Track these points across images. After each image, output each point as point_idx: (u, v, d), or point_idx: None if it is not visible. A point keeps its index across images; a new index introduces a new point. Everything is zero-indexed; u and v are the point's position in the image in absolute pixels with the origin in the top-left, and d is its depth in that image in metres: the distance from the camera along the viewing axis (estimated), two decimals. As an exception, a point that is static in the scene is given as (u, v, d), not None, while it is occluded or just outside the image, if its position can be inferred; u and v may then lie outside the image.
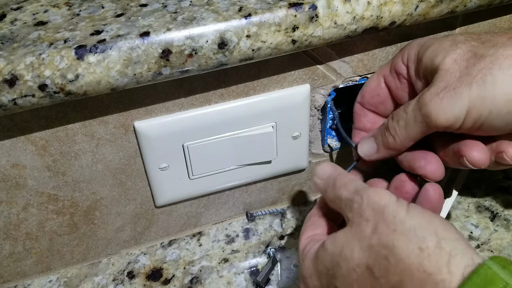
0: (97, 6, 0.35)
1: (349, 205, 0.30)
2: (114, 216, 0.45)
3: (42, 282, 0.46)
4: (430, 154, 0.36)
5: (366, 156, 0.38)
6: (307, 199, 0.53)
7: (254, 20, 0.33)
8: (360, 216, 0.29)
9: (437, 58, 0.33)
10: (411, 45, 0.36)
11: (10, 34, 0.32)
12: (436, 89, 0.32)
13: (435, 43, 0.34)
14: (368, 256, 0.27)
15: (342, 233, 0.30)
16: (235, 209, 0.50)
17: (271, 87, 0.41)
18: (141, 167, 0.42)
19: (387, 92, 0.39)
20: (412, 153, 0.36)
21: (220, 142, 0.42)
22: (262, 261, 0.47)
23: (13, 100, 0.31)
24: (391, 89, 0.38)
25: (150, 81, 0.33)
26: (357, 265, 0.28)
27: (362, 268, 0.28)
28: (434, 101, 0.31)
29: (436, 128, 0.32)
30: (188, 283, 0.46)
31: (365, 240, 0.28)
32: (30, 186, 0.40)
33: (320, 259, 0.30)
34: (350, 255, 0.28)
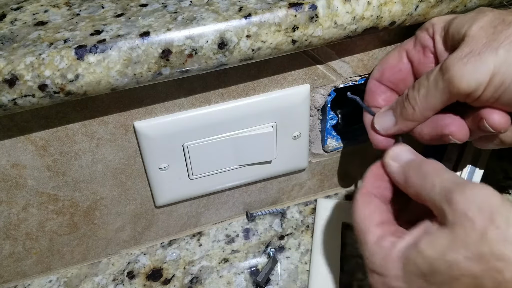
0: (97, 6, 0.35)
1: (447, 200, 0.27)
2: (114, 216, 0.45)
3: (42, 282, 0.46)
4: (453, 115, 0.34)
5: (383, 130, 0.37)
6: (307, 199, 0.53)
7: (254, 20, 0.33)
8: (464, 216, 0.26)
9: (464, 26, 0.32)
10: (435, 19, 0.36)
11: (10, 34, 0.32)
12: (460, 53, 0.31)
13: (462, 15, 0.34)
14: (477, 266, 0.25)
15: (442, 234, 0.27)
16: (235, 209, 0.50)
17: (271, 87, 0.41)
18: (141, 167, 0.42)
19: (409, 68, 0.37)
20: (435, 116, 0.35)
21: (220, 142, 0.42)
22: (262, 261, 0.47)
23: (13, 100, 0.31)
24: (414, 64, 0.37)
25: (150, 81, 0.33)
26: (462, 274, 0.26)
27: (468, 279, 0.26)
28: (458, 65, 0.31)
29: (457, 95, 0.31)
30: (188, 283, 0.46)
31: (473, 247, 0.25)
32: (30, 186, 0.40)
33: (412, 262, 0.28)
34: (454, 262, 0.26)
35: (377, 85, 0.39)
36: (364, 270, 0.45)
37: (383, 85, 0.39)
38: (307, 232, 0.49)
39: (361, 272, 0.45)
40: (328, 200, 0.51)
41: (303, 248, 0.48)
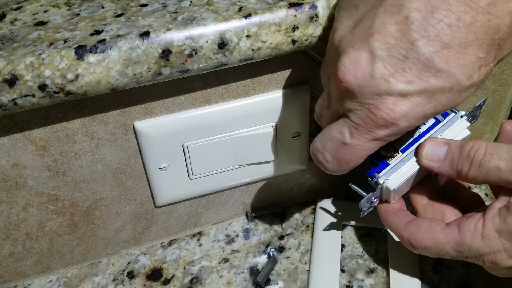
0: (97, 6, 0.35)
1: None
2: (114, 216, 0.45)
3: (42, 282, 0.46)
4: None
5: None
6: (307, 199, 0.53)
7: (254, 20, 0.33)
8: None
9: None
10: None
11: (10, 34, 0.32)
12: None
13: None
14: None
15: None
16: (235, 209, 0.50)
17: (271, 87, 0.41)
18: (141, 167, 0.42)
19: None
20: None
21: (220, 142, 0.42)
22: (262, 261, 0.47)
23: (13, 100, 0.31)
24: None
25: (150, 81, 0.33)
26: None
27: None
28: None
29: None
30: (188, 283, 0.46)
31: None
32: (30, 186, 0.40)
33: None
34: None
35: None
36: (364, 270, 0.45)
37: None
38: (307, 232, 0.49)
39: (361, 272, 0.45)
40: (328, 200, 0.51)
41: (303, 248, 0.48)
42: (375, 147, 0.31)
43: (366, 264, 0.46)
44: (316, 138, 0.34)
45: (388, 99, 0.28)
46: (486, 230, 0.33)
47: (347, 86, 0.29)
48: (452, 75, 0.27)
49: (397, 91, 0.28)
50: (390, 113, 0.28)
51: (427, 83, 0.27)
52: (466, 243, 0.34)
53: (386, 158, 0.37)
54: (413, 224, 0.37)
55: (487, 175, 0.32)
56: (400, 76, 0.27)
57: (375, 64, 0.28)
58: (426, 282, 0.44)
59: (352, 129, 0.30)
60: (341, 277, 0.45)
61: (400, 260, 0.45)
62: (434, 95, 0.28)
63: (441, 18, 0.26)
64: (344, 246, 0.47)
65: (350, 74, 0.28)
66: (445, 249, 0.35)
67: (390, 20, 0.27)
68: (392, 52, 0.27)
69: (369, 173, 0.38)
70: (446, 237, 0.35)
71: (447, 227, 0.35)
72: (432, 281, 0.44)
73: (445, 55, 0.27)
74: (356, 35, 0.29)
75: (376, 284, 0.44)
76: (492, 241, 0.32)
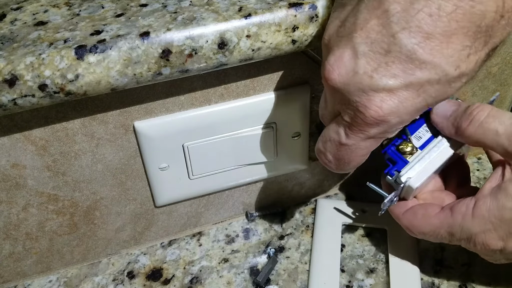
0: (97, 6, 0.35)
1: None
2: (114, 216, 0.45)
3: (42, 282, 0.46)
4: None
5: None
6: (307, 199, 0.53)
7: (254, 20, 0.33)
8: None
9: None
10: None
11: (10, 34, 0.32)
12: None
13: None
14: None
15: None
16: (235, 209, 0.50)
17: (271, 87, 0.41)
18: (141, 167, 0.42)
19: None
20: None
21: (220, 142, 0.42)
22: (262, 261, 0.47)
23: (13, 100, 0.31)
24: None
25: (150, 81, 0.33)
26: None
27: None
28: None
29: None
30: (188, 283, 0.46)
31: None
32: (30, 186, 0.40)
33: (506, 207, 0.32)
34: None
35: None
36: (364, 270, 0.45)
37: None
38: (307, 232, 0.49)
39: (361, 272, 0.45)
40: (328, 200, 0.51)
41: (303, 248, 0.48)
42: (371, 145, 0.31)
43: (366, 264, 0.46)
44: (318, 139, 0.34)
45: (374, 95, 0.27)
46: (477, 209, 0.33)
47: (332, 84, 0.29)
48: (438, 66, 0.26)
49: (382, 86, 0.27)
50: (378, 110, 0.28)
51: (412, 75, 0.27)
52: (458, 223, 0.34)
53: (405, 156, 0.37)
54: (410, 212, 0.38)
55: (484, 135, 0.32)
56: (383, 71, 0.27)
57: (357, 60, 0.27)
58: (426, 282, 0.44)
59: (346, 128, 0.30)
60: (341, 277, 0.45)
61: (400, 260, 0.45)
62: (421, 87, 0.27)
63: (420, 8, 0.25)
64: (344, 246, 0.47)
65: (334, 71, 0.28)
66: (441, 233, 0.35)
67: (371, 14, 0.27)
68: (374, 46, 0.27)
69: (387, 172, 0.37)
70: (440, 221, 0.35)
71: (441, 212, 0.36)
72: (432, 281, 0.44)
73: (428, 45, 0.26)
74: (341, 33, 0.29)
75: (376, 284, 0.44)
76: (482, 220, 0.33)
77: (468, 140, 0.34)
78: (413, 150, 0.37)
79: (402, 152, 0.37)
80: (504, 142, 0.32)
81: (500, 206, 0.32)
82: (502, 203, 0.32)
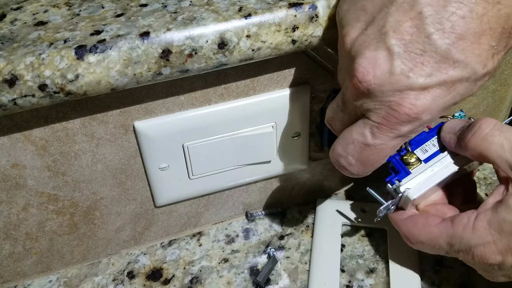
0: (97, 6, 0.35)
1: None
2: (114, 216, 0.45)
3: (42, 282, 0.46)
4: None
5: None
6: (307, 199, 0.53)
7: (254, 20, 0.33)
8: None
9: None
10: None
11: (10, 34, 0.32)
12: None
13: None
14: None
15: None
16: (235, 209, 0.50)
17: (271, 87, 0.41)
18: (141, 167, 0.42)
19: None
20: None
21: (220, 142, 0.42)
22: (262, 261, 0.47)
23: (13, 100, 0.31)
24: None
25: (150, 81, 0.33)
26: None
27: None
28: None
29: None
30: (188, 283, 0.46)
31: None
32: (30, 186, 0.40)
33: (507, 221, 0.32)
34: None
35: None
36: (364, 270, 0.45)
37: None
38: (307, 232, 0.49)
39: (361, 272, 0.45)
40: (328, 200, 0.51)
41: (303, 248, 0.48)
42: (398, 144, 0.31)
43: (366, 264, 0.46)
44: (336, 143, 0.34)
45: (409, 94, 0.28)
46: (478, 222, 0.33)
47: (367, 86, 0.29)
48: (469, 65, 0.28)
49: (418, 85, 0.28)
50: (413, 107, 0.29)
51: (446, 74, 0.28)
52: (458, 235, 0.34)
53: (409, 167, 0.37)
54: (410, 219, 0.38)
55: (487, 148, 0.33)
56: (419, 70, 0.28)
57: (394, 61, 0.28)
58: (426, 282, 0.44)
59: (373, 129, 0.30)
60: (341, 277, 0.45)
61: (400, 260, 0.45)
62: (453, 85, 0.28)
63: (453, 11, 0.27)
64: (344, 246, 0.47)
65: (369, 74, 0.29)
66: (439, 243, 0.35)
67: (404, 17, 0.28)
68: (409, 47, 0.28)
69: (389, 180, 0.38)
70: (440, 231, 0.35)
71: (442, 222, 0.36)
72: (432, 281, 0.44)
73: (461, 46, 0.27)
74: (369, 35, 0.29)
75: (376, 284, 0.44)
76: (482, 232, 0.33)
77: (472, 152, 0.34)
78: (417, 162, 0.37)
79: (406, 162, 0.37)
80: (508, 157, 0.32)
81: (500, 219, 0.32)
82: (503, 216, 0.32)
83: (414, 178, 0.37)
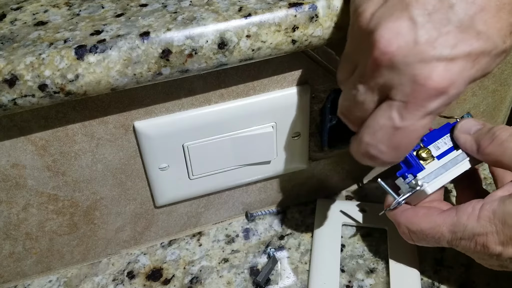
0: (97, 6, 0.35)
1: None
2: (114, 216, 0.45)
3: (42, 282, 0.46)
4: None
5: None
6: (307, 199, 0.53)
7: (254, 20, 0.33)
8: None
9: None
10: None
11: (10, 34, 0.32)
12: None
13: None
14: None
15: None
16: (235, 209, 0.50)
17: (271, 87, 0.41)
18: (141, 167, 0.42)
19: None
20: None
21: (220, 142, 0.42)
22: (262, 261, 0.47)
23: (13, 100, 0.31)
24: None
25: (150, 81, 0.33)
26: None
27: None
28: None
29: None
30: (188, 283, 0.46)
31: None
32: (30, 186, 0.40)
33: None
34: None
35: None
36: (364, 270, 0.45)
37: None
38: (307, 232, 0.49)
39: (361, 272, 0.45)
40: (328, 200, 0.51)
41: (303, 248, 0.48)
42: (428, 123, 0.30)
43: (366, 264, 0.46)
44: (362, 134, 0.32)
45: (436, 65, 0.27)
46: (483, 211, 0.34)
47: (390, 57, 0.28)
48: (491, 38, 0.27)
49: (444, 55, 0.27)
50: (440, 80, 0.27)
51: (471, 46, 0.27)
52: (462, 223, 0.34)
53: (423, 162, 0.37)
54: (410, 210, 0.38)
55: (503, 154, 0.34)
56: (444, 41, 0.27)
57: (418, 31, 0.27)
58: (426, 282, 0.44)
59: (401, 109, 0.29)
60: (341, 277, 0.45)
61: (400, 260, 0.45)
62: (476, 58, 0.28)
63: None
64: (344, 246, 0.47)
65: (393, 44, 0.27)
66: (441, 230, 0.36)
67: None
68: (433, 17, 0.27)
69: (402, 174, 0.38)
70: (443, 219, 0.36)
71: (445, 211, 0.36)
72: (432, 281, 0.44)
73: (483, 17, 0.27)
74: (390, 7, 0.28)
75: (376, 284, 0.44)
76: (486, 222, 0.33)
77: (488, 157, 0.35)
78: (431, 158, 0.38)
79: (420, 157, 0.38)
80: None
81: (506, 211, 0.32)
82: (509, 208, 0.32)
83: (429, 173, 0.37)
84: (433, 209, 0.37)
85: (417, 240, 0.38)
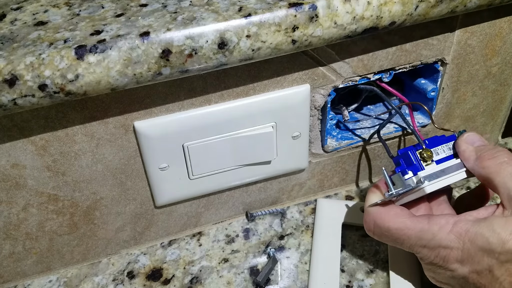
0: (97, 6, 0.35)
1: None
2: (114, 216, 0.45)
3: (42, 282, 0.46)
4: None
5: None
6: (307, 199, 0.53)
7: (254, 20, 0.33)
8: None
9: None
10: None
11: (10, 34, 0.32)
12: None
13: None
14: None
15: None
16: (235, 209, 0.50)
17: (271, 87, 0.41)
18: (141, 167, 0.42)
19: None
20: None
21: (220, 142, 0.42)
22: (262, 261, 0.47)
23: (13, 100, 0.31)
24: None
25: (150, 81, 0.33)
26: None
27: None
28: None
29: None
30: (188, 283, 0.46)
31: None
32: (30, 186, 0.40)
33: (484, 238, 0.33)
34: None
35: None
36: (364, 270, 0.45)
37: None
38: (307, 232, 0.49)
39: (361, 272, 0.45)
40: (328, 200, 0.51)
41: (303, 248, 0.48)
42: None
43: (366, 264, 0.46)
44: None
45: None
46: (456, 227, 0.34)
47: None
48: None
49: None
50: None
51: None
52: (432, 232, 0.35)
53: (423, 162, 0.38)
54: (383, 207, 0.39)
55: (498, 173, 0.35)
56: None
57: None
58: (426, 282, 0.44)
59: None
60: (341, 277, 0.45)
61: (400, 260, 0.45)
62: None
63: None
64: (344, 246, 0.47)
65: None
66: (408, 233, 0.37)
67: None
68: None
69: (403, 169, 0.38)
70: (414, 224, 0.36)
71: (417, 217, 0.37)
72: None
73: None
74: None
75: (376, 284, 0.44)
76: (456, 237, 0.34)
77: (481, 171, 0.36)
78: (429, 161, 0.38)
79: (422, 157, 0.39)
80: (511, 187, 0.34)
81: (479, 232, 0.33)
82: (482, 231, 0.33)
83: (428, 174, 0.38)
84: (405, 211, 0.38)
85: (378, 235, 0.39)
